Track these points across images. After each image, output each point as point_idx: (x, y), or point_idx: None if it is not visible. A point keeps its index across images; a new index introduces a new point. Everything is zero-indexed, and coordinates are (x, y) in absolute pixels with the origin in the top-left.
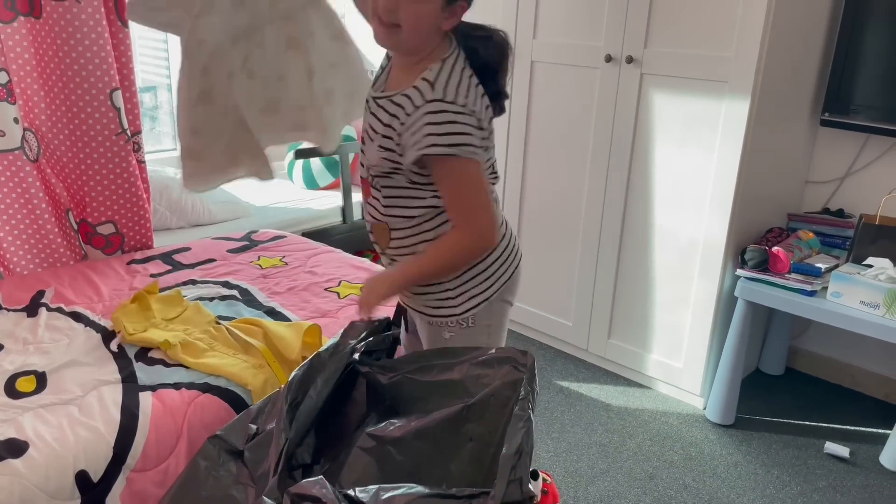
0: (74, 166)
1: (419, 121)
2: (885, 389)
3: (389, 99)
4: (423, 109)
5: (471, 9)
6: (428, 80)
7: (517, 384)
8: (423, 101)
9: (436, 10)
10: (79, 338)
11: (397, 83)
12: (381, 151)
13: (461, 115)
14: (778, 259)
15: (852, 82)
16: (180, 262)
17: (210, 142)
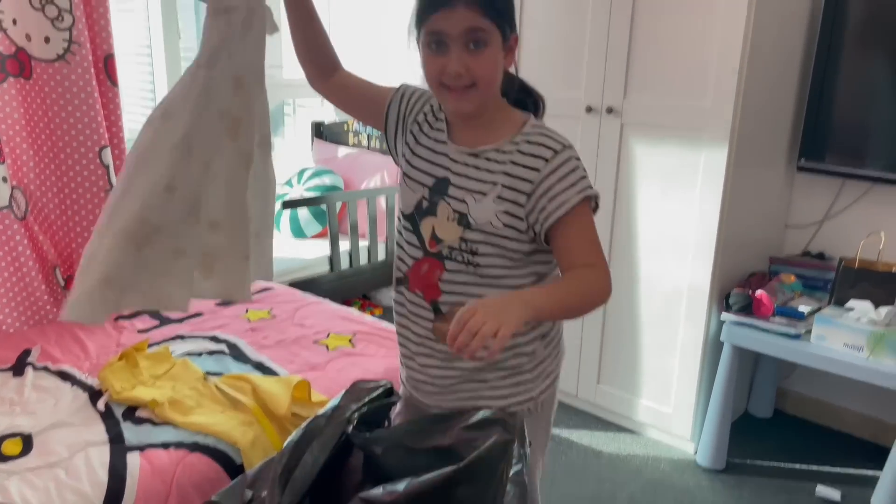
0: (62, 223)
1: (565, 172)
2: (873, 430)
3: (497, 149)
4: (563, 157)
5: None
6: (543, 130)
7: (508, 445)
8: (557, 151)
9: (498, 52)
10: (65, 398)
11: (480, 138)
12: (501, 204)
13: (580, 160)
14: (761, 303)
15: (826, 129)
16: (168, 317)
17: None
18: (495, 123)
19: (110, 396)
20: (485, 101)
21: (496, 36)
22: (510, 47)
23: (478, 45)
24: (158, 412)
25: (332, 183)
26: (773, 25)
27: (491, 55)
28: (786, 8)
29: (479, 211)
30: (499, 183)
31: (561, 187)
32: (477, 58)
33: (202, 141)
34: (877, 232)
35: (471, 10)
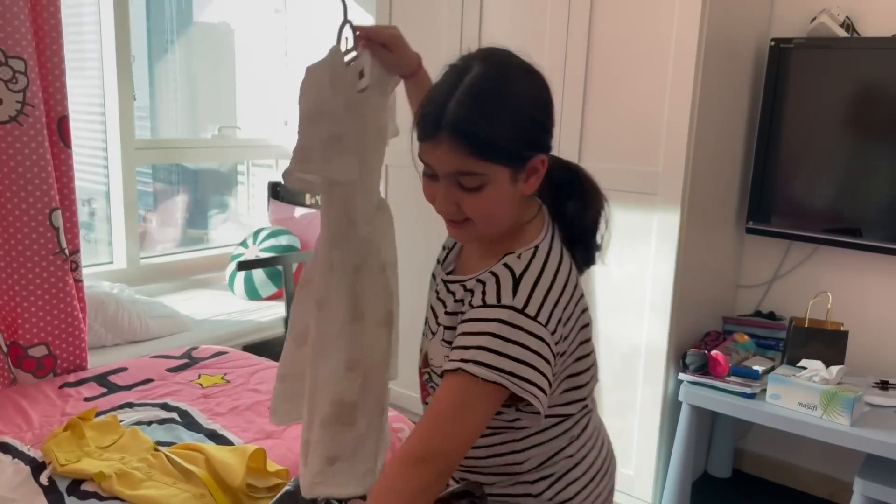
0: (8, 287)
1: (471, 330)
2: (830, 489)
3: (462, 284)
4: (494, 313)
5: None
6: (512, 269)
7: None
8: (497, 302)
9: (504, 188)
10: (6, 471)
11: (472, 265)
12: (445, 348)
13: (535, 339)
14: (717, 363)
15: (772, 192)
16: (116, 384)
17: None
18: (493, 250)
19: (54, 469)
20: (490, 233)
21: (499, 173)
22: (532, 170)
23: (470, 189)
24: (105, 486)
25: (288, 243)
26: (718, 96)
27: (489, 195)
28: (730, 81)
29: (434, 350)
30: (442, 324)
31: (457, 342)
32: (470, 199)
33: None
34: (824, 292)
35: (457, 150)
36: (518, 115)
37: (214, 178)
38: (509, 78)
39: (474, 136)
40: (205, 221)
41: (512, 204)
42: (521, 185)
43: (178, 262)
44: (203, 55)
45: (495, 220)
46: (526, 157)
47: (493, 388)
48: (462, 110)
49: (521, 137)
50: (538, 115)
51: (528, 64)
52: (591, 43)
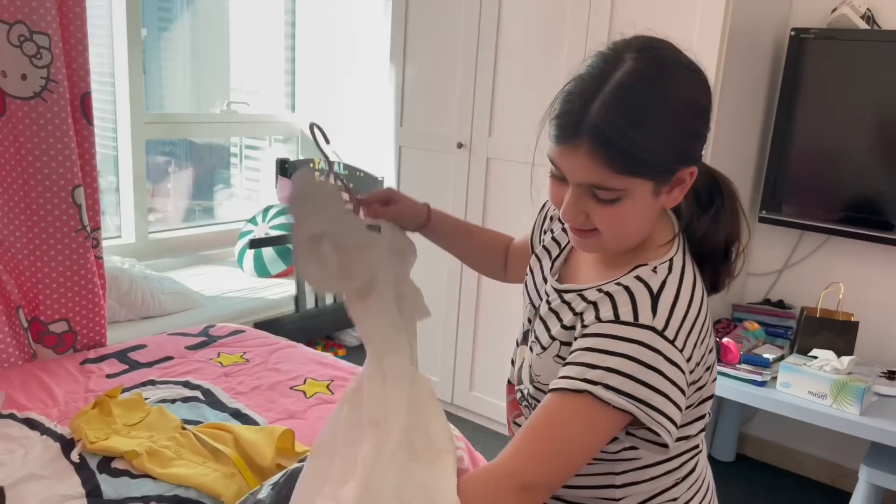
0: (30, 263)
1: (593, 345)
2: (832, 475)
3: (580, 294)
4: (631, 331)
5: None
6: (649, 285)
7: None
8: (635, 321)
9: (644, 202)
10: (36, 448)
11: (589, 274)
12: (559, 364)
13: (673, 366)
14: (729, 350)
15: (785, 182)
16: (137, 361)
17: None
18: (620, 260)
19: (84, 447)
20: (618, 247)
21: (640, 187)
22: (678, 184)
23: (604, 201)
24: (137, 463)
25: None
26: (738, 86)
27: (625, 210)
28: (750, 70)
29: (540, 367)
30: (558, 339)
31: (577, 358)
32: (603, 211)
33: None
34: (836, 282)
35: (597, 160)
36: (673, 124)
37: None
38: (667, 79)
39: (619, 147)
40: (209, 196)
41: (649, 218)
42: (664, 198)
43: (186, 238)
44: (206, 29)
45: (628, 235)
46: (674, 170)
47: (619, 415)
48: (608, 115)
49: (674, 150)
50: (695, 123)
51: (691, 61)
52: (611, 30)
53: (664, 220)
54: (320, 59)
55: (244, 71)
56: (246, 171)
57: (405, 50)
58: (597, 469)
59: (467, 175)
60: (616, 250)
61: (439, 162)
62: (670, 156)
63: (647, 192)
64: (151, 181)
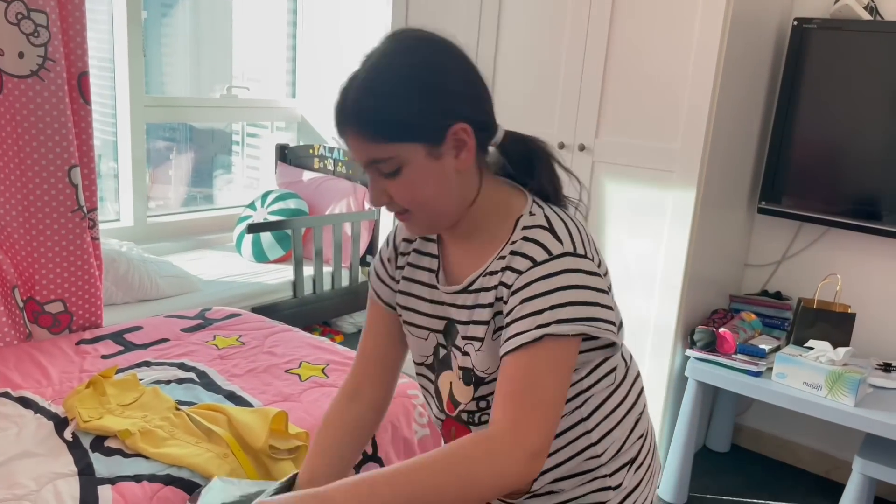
0: (26, 243)
1: (535, 292)
2: (826, 466)
3: (486, 273)
4: (538, 272)
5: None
6: (538, 224)
7: None
8: (550, 255)
9: (424, 165)
10: (29, 426)
11: (473, 265)
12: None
13: (595, 276)
14: (725, 340)
15: (785, 174)
16: (132, 343)
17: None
18: (484, 232)
19: (77, 425)
20: (439, 220)
21: (413, 152)
22: (456, 145)
23: (389, 175)
24: (130, 443)
25: (296, 207)
26: (739, 76)
27: (410, 178)
28: (752, 60)
29: (484, 361)
30: (490, 319)
31: (520, 312)
32: (394, 184)
33: None
34: (834, 274)
35: (361, 138)
36: (411, 85)
37: (213, 138)
38: (401, 51)
39: (369, 119)
40: (211, 182)
41: (444, 182)
42: (450, 161)
43: (184, 222)
44: (209, 15)
45: (431, 204)
46: (438, 128)
47: (575, 341)
48: (357, 94)
49: (421, 108)
50: (439, 80)
51: (432, 35)
52: (613, 20)
53: (502, 186)
54: (321, 45)
55: (246, 57)
56: (247, 158)
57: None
58: (572, 433)
59: None
60: (446, 223)
61: None
62: (422, 113)
63: (421, 155)
64: (153, 166)
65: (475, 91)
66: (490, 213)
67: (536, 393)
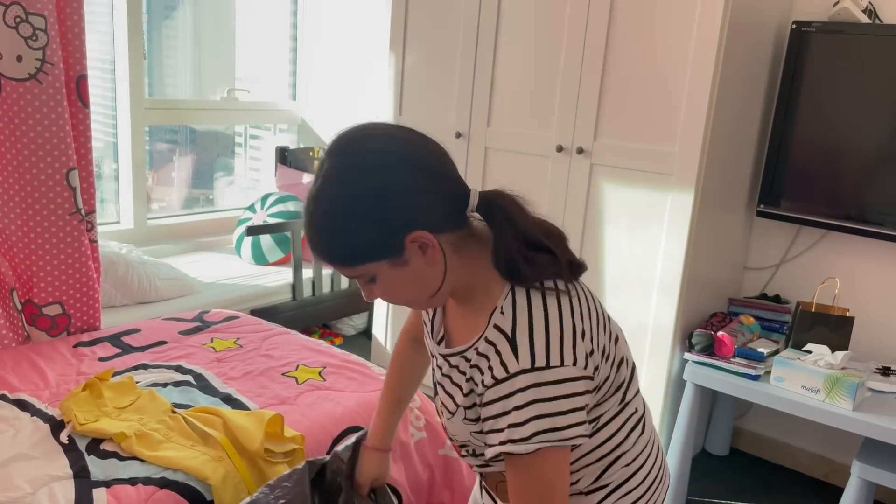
0: (24, 245)
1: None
2: (825, 470)
3: (462, 356)
4: (508, 386)
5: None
6: (503, 330)
7: None
8: (508, 374)
9: (393, 274)
10: (25, 428)
11: (461, 330)
12: (470, 425)
13: (564, 382)
14: (723, 343)
15: (784, 177)
16: (130, 345)
17: None
18: (474, 308)
19: (73, 428)
20: (430, 304)
21: (377, 267)
22: (420, 247)
23: (367, 282)
24: (125, 446)
25: (296, 209)
26: (738, 79)
27: (384, 285)
28: (750, 63)
29: (454, 428)
30: (461, 405)
31: (489, 425)
32: (375, 288)
33: None
34: (833, 277)
35: (332, 264)
36: (355, 217)
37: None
38: (342, 179)
39: (328, 253)
40: (209, 183)
41: (418, 280)
42: (419, 260)
43: (184, 224)
44: (211, 18)
45: (414, 297)
46: (393, 244)
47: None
48: (313, 235)
49: (371, 236)
50: (383, 204)
51: (372, 142)
52: (611, 23)
53: (484, 269)
54: (322, 47)
55: (248, 60)
56: (250, 160)
57: (405, 39)
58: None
59: (465, 165)
60: (437, 303)
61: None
62: (370, 241)
63: (386, 268)
64: (155, 168)
65: (426, 194)
66: (473, 290)
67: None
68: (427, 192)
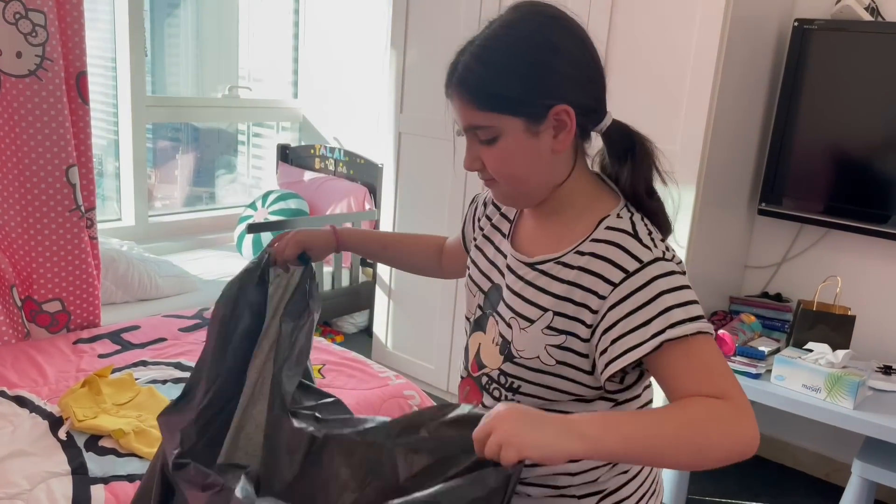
0: (24, 242)
1: (640, 302)
2: (826, 469)
3: (558, 262)
4: (640, 280)
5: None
6: (623, 229)
7: None
8: (631, 271)
9: (519, 140)
10: (24, 425)
11: (538, 242)
12: (553, 336)
13: (684, 276)
14: (724, 342)
15: (786, 176)
16: (129, 342)
17: None
18: (568, 221)
19: (72, 425)
20: (522, 198)
21: (511, 124)
22: (556, 125)
23: (485, 142)
24: (124, 442)
25: (297, 207)
26: (739, 78)
27: (504, 149)
28: (752, 60)
29: (524, 342)
30: (551, 310)
31: (629, 324)
32: (488, 152)
33: None
34: (834, 276)
35: (465, 104)
36: (521, 60)
37: (219, 138)
38: (519, 24)
39: (475, 87)
40: (211, 181)
41: (536, 160)
42: (547, 140)
43: (185, 222)
44: (213, 17)
45: (519, 178)
46: (540, 106)
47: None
48: (469, 61)
49: (527, 85)
50: (550, 59)
51: (555, 11)
52: (612, 19)
53: (596, 181)
54: (324, 46)
55: (250, 57)
56: (252, 158)
57: (406, 36)
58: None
59: None
60: (527, 201)
61: (439, 149)
62: (526, 90)
63: (519, 130)
64: (158, 166)
65: (586, 75)
66: (575, 201)
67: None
68: (588, 74)
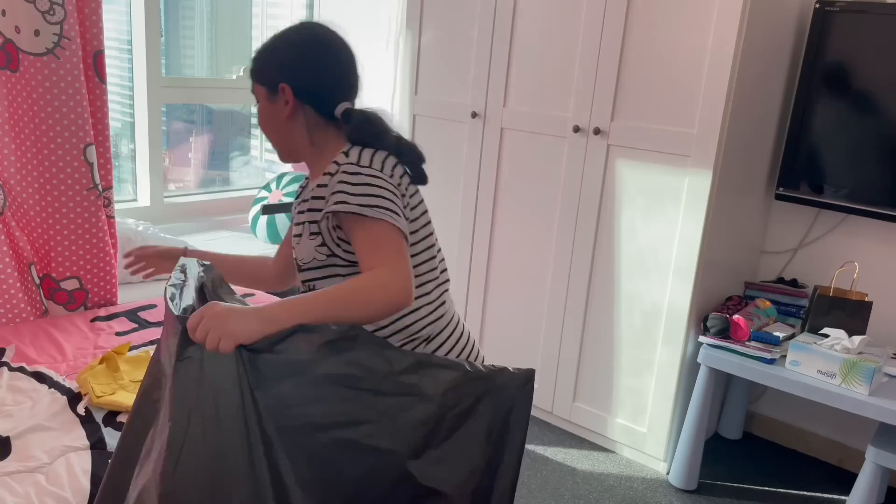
0: (42, 220)
1: (335, 185)
2: (839, 455)
3: (319, 185)
4: (338, 176)
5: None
6: (343, 151)
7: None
8: (338, 168)
9: (265, 104)
10: (43, 400)
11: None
12: (313, 239)
13: (376, 178)
14: (739, 327)
15: (804, 160)
16: (146, 320)
17: None
18: (321, 161)
19: (90, 400)
20: (281, 152)
21: (261, 92)
22: (281, 98)
23: (256, 103)
24: None
25: None
26: (759, 60)
27: (261, 109)
28: (771, 43)
29: (301, 250)
30: (307, 220)
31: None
32: (259, 112)
33: None
34: (851, 261)
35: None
36: (274, 50)
37: (232, 120)
38: (287, 30)
39: (252, 66)
40: (225, 164)
41: (276, 122)
42: (281, 108)
43: (200, 203)
44: None
45: (270, 135)
46: (273, 79)
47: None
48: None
49: (270, 65)
50: (291, 52)
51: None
52: (630, 2)
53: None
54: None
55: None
56: (266, 141)
57: (421, 18)
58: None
59: (481, 144)
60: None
61: (453, 131)
62: (268, 68)
63: (263, 96)
64: (172, 148)
65: (316, 71)
66: (322, 149)
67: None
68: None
